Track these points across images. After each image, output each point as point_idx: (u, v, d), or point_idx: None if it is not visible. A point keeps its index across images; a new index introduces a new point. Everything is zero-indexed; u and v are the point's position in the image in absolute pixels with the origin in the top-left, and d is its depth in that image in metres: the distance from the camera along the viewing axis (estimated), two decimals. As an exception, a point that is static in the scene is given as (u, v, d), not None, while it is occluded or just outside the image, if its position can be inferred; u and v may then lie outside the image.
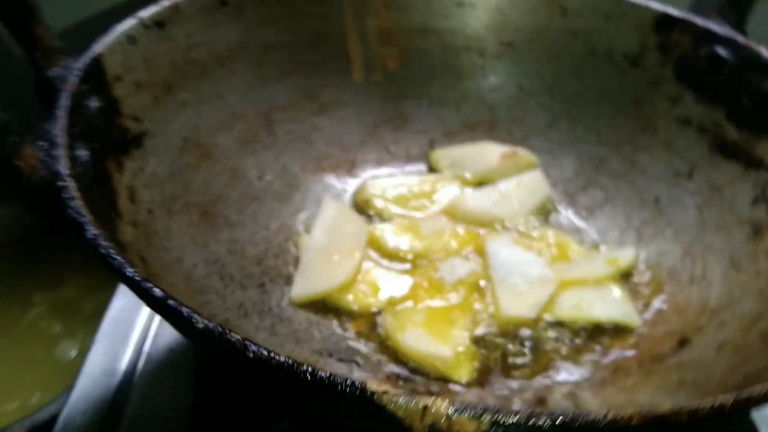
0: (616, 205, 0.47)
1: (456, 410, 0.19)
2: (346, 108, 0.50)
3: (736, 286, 0.37)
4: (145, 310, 0.45)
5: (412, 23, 0.50)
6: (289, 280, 0.41)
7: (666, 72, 0.46)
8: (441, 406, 0.19)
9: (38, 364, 0.59)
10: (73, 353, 0.60)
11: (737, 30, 0.45)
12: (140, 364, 0.41)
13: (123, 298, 0.45)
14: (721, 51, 0.44)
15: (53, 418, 0.44)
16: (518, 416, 0.19)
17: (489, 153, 0.49)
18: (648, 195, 0.46)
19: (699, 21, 0.45)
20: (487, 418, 0.19)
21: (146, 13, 0.40)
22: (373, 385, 0.20)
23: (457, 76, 0.51)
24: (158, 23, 0.40)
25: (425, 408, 0.20)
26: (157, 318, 0.44)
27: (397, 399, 0.20)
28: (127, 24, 0.38)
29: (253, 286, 0.39)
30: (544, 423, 0.19)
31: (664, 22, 0.46)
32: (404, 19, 0.50)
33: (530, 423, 0.19)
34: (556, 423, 0.19)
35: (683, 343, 0.36)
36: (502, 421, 0.19)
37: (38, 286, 0.64)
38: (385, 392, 0.20)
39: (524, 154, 0.49)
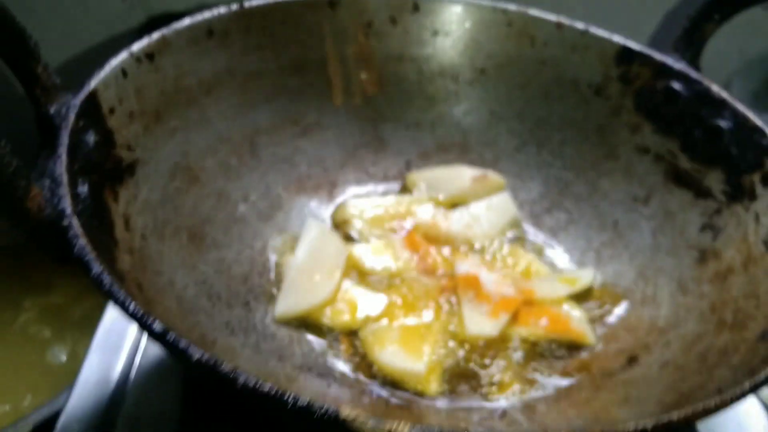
0: (578, 227, 0.50)
1: (416, 433, 0.23)
2: (327, 131, 0.52)
3: (682, 307, 0.41)
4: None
5: (390, 50, 0.53)
6: (272, 299, 0.44)
7: (626, 102, 0.49)
8: (404, 430, 0.23)
9: (29, 368, 0.61)
10: (63, 357, 0.63)
11: (692, 65, 0.48)
12: (132, 373, 0.44)
13: (115, 309, 0.48)
14: (676, 85, 0.47)
15: (47, 422, 0.46)
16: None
17: (461, 176, 0.52)
18: (608, 218, 0.49)
19: (657, 55, 0.48)
20: (443, 441, 0.23)
21: (137, 46, 0.42)
22: (345, 411, 0.23)
23: (432, 100, 0.54)
24: (148, 55, 0.42)
25: (389, 431, 0.23)
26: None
27: (366, 422, 0.23)
28: (120, 57, 0.40)
29: (239, 304, 0.42)
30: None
31: (624, 54, 0.49)
32: (382, 46, 0.53)
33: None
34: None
35: (632, 360, 0.39)
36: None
37: (28, 292, 0.66)
38: (355, 417, 0.23)
39: (493, 177, 0.52)
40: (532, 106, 0.53)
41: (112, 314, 0.48)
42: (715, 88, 0.45)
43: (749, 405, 0.45)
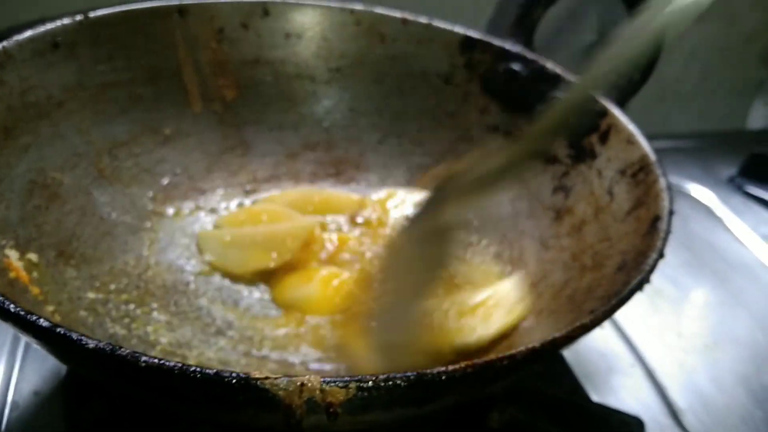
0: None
1: (326, 383, 0.23)
2: (189, 138, 0.52)
3: (547, 262, 0.44)
4: (3, 360, 0.44)
5: (244, 55, 0.53)
6: (150, 312, 0.42)
7: (473, 87, 0.53)
8: (314, 381, 0.23)
9: None
10: None
11: (527, 47, 0.53)
12: (6, 413, 0.41)
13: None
14: (516, 66, 0.51)
15: None
16: (377, 380, 0.23)
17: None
18: (469, 194, 0.52)
19: (496, 41, 0.52)
20: (353, 385, 0.23)
21: (-23, 59, 0.40)
22: (256, 374, 0.23)
23: (292, 101, 0.55)
24: (-10, 69, 0.40)
25: (302, 385, 0.23)
26: (18, 365, 0.43)
27: (278, 382, 0.23)
28: (-41, 72, 0.38)
29: (119, 318, 0.40)
30: (400, 383, 0.24)
31: (467, 43, 0.53)
32: (236, 51, 0.53)
33: (390, 384, 0.23)
34: (409, 381, 0.24)
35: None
36: (366, 386, 0.23)
37: None
38: (266, 378, 0.23)
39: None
40: (389, 100, 0.55)
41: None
42: (550, 65, 0.50)
43: (614, 341, 0.50)
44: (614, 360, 0.50)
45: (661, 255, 0.34)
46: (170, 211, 0.50)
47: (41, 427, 0.40)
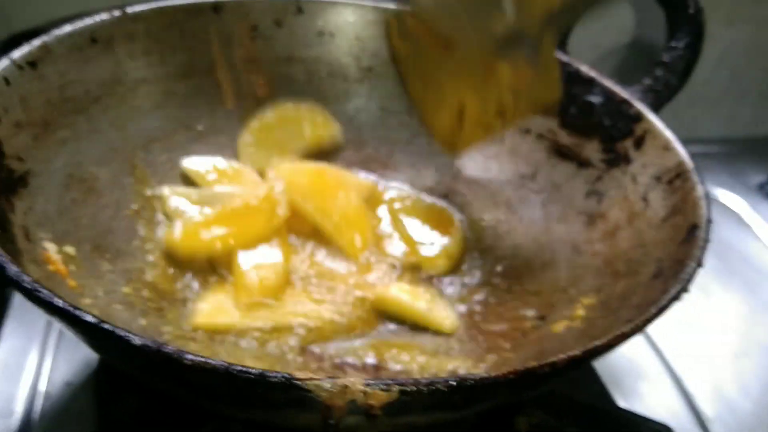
0: (473, 209, 0.53)
1: (369, 385, 0.23)
2: (221, 135, 0.52)
3: (579, 267, 0.44)
4: (35, 350, 0.44)
5: (277, 53, 0.53)
6: (183, 302, 0.43)
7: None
8: (357, 383, 0.23)
9: None
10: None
11: (560, 49, 0.52)
12: (38, 403, 0.41)
13: (9, 340, 0.45)
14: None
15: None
16: (419, 384, 0.23)
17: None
18: (500, 196, 0.52)
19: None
20: (396, 388, 0.23)
21: (18, 53, 0.40)
22: (299, 375, 0.23)
23: (323, 99, 0.55)
24: (31, 63, 0.41)
25: (345, 387, 0.23)
26: (50, 355, 0.44)
27: (321, 383, 0.23)
28: (1, 65, 0.39)
29: (152, 311, 0.40)
30: (442, 387, 0.24)
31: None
32: (269, 49, 0.53)
33: (432, 388, 0.23)
34: (451, 386, 0.24)
35: (541, 319, 0.42)
36: (409, 390, 0.23)
37: None
38: (310, 378, 0.23)
39: None
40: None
41: (5, 346, 0.45)
42: (584, 68, 0.49)
43: (642, 348, 0.50)
44: (642, 366, 0.49)
45: (699, 264, 0.34)
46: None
47: (73, 418, 0.41)
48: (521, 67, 0.44)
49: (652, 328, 0.51)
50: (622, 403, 0.46)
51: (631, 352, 0.50)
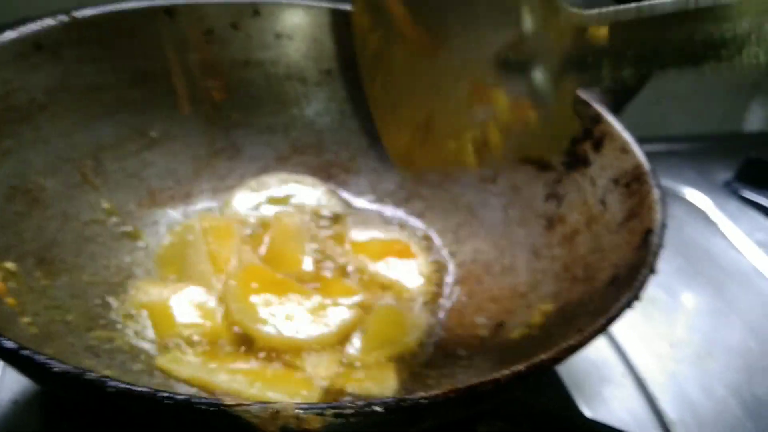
0: (435, 212, 0.52)
1: (302, 410, 0.22)
2: (177, 141, 0.51)
3: (538, 271, 0.44)
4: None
5: (234, 55, 0.52)
6: (132, 318, 0.42)
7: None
8: (289, 408, 0.22)
9: None
10: None
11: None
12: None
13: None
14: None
15: None
16: (355, 406, 0.23)
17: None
18: (461, 200, 0.51)
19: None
20: (330, 412, 0.23)
21: (-43, 62, 0.39)
22: (228, 401, 0.22)
23: (282, 103, 0.54)
24: (-29, 71, 0.39)
25: (276, 412, 0.22)
26: (-5, 374, 0.43)
27: (251, 408, 0.22)
28: (-61, 74, 0.37)
29: (98, 327, 0.39)
30: (378, 409, 0.23)
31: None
32: (226, 52, 0.52)
33: (368, 410, 0.23)
34: (389, 407, 0.23)
35: (499, 326, 0.41)
36: (345, 413, 0.23)
37: None
38: (239, 404, 0.22)
39: None
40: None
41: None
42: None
43: (606, 350, 0.50)
44: (605, 369, 0.49)
45: (652, 270, 0.33)
46: (156, 216, 0.49)
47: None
48: (522, 101, 0.36)
49: (615, 329, 0.51)
50: (585, 408, 0.45)
51: (595, 355, 0.50)
